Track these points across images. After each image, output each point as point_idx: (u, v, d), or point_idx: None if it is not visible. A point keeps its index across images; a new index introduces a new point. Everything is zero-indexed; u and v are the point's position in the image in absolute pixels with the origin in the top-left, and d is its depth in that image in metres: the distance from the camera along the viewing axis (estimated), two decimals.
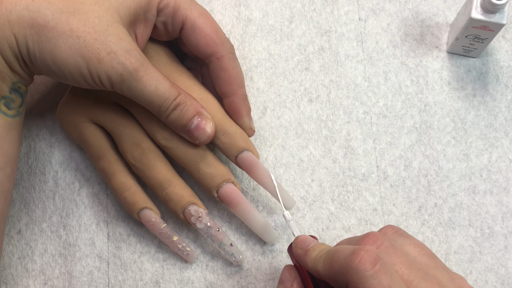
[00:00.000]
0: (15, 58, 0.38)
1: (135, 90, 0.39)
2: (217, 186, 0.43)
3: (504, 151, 0.49)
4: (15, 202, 0.47)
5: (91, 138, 0.44)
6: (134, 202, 0.44)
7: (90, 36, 0.37)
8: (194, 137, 0.42)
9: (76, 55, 0.37)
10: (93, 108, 0.44)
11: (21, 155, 0.48)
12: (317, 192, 0.48)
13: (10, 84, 0.39)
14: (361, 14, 0.53)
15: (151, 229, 0.44)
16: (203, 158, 0.43)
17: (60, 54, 0.37)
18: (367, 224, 0.47)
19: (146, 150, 0.43)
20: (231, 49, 0.44)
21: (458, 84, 0.51)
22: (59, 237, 0.46)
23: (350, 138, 0.49)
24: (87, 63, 0.38)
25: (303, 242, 0.38)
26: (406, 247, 0.36)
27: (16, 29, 0.37)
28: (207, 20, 0.43)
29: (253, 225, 0.44)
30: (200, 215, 0.43)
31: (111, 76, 0.38)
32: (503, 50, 0.52)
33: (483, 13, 0.46)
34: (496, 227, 0.47)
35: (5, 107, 0.39)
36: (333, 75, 0.51)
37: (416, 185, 0.48)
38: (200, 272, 0.46)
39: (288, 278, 0.39)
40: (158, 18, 0.43)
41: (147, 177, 0.43)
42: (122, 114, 0.44)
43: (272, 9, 0.53)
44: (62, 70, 0.38)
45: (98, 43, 0.38)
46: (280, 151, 0.49)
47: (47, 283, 0.45)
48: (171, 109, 0.41)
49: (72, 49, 0.37)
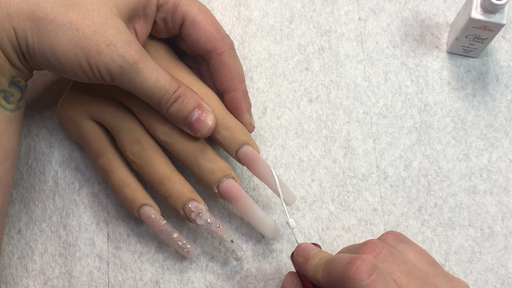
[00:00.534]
0: (14, 51, 0.38)
1: (135, 83, 0.39)
2: (218, 181, 0.43)
3: (504, 151, 0.49)
4: (15, 202, 0.47)
5: (91, 135, 0.44)
6: (134, 198, 0.43)
7: (89, 29, 0.37)
8: (195, 129, 0.42)
9: (75, 47, 0.37)
10: (92, 105, 0.44)
11: (21, 155, 0.48)
12: (317, 192, 0.48)
13: (9, 78, 0.39)
14: (361, 14, 0.53)
15: (151, 226, 0.44)
16: (203, 153, 0.43)
17: (59, 46, 0.37)
18: (367, 224, 0.47)
19: (145, 146, 0.43)
20: (231, 44, 0.45)
21: (458, 84, 0.51)
22: (59, 237, 0.46)
23: (350, 138, 0.49)
24: (87, 55, 0.37)
25: (304, 250, 0.38)
26: (407, 254, 0.36)
27: (15, 22, 0.37)
28: (207, 16, 0.44)
29: (254, 221, 0.44)
30: (200, 211, 0.43)
31: (110, 69, 0.38)
32: (503, 50, 0.52)
33: (483, 13, 0.46)
34: (496, 227, 0.47)
35: (4, 101, 0.39)
36: (333, 75, 0.51)
37: (416, 185, 0.48)
38: (200, 272, 0.46)
39: (290, 285, 0.38)
40: (158, 14, 0.43)
41: (147, 173, 0.43)
42: (121, 111, 0.43)
43: (272, 9, 0.53)
44: (61, 63, 0.38)
45: (97, 35, 0.37)
46: (280, 151, 0.49)
47: (47, 283, 0.45)
48: (172, 102, 0.40)
49: (71, 41, 0.37)
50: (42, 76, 0.50)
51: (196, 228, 0.47)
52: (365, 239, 0.47)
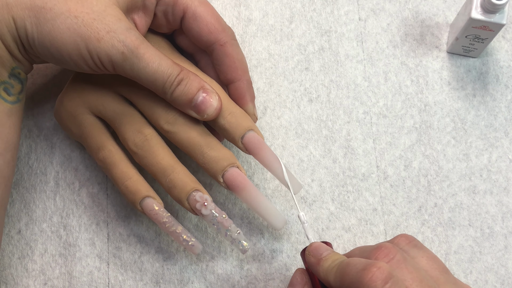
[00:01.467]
0: (14, 42, 0.38)
1: (138, 69, 0.39)
2: (223, 169, 0.42)
3: (504, 151, 0.49)
4: (15, 202, 0.47)
5: (91, 129, 0.43)
6: (136, 190, 0.42)
7: (88, 16, 0.37)
8: (201, 111, 0.41)
9: (75, 35, 0.37)
10: (92, 99, 0.43)
11: (22, 155, 0.48)
12: (317, 192, 0.48)
13: (9, 69, 0.39)
14: (361, 14, 0.53)
15: (153, 219, 0.43)
16: (207, 142, 0.42)
17: (58, 35, 0.37)
18: (367, 224, 0.47)
19: (148, 137, 0.42)
20: (233, 35, 0.44)
21: (458, 84, 0.51)
22: (59, 237, 0.47)
23: (350, 138, 0.49)
24: (86, 43, 0.37)
25: (317, 250, 0.38)
26: (419, 260, 0.36)
27: (15, 12, 0.37)
28: (207, 8, 0.44)
29: (261, 210, 0.42)
30: (205, 201, 0.42)
31: (112, 55, 0.38)
32: (503, 50, 0.52)
33: (483, 13, 0.46)
34: (496, 227, 0.47)
35: (4, 92, 0.39)
36: (333, 75, 0.51)
37: (416, 185, 0.48)
38: (200, 272, 0.46)
39: (299, 282, 0.38)
40: (158, 7, 0.43)
41: (150, 163, 0.42)
42: (122, 104, 0.43)
43: (272, 9, 0.53)
44: (61, 52, 0.38)
45: (97, 22, 0.37)
46: (280, 151, 0.49)
47: (47, 283, 0.46)
48: (176, 85, 0.40)
49: (71, 29, 0.37)
50: (42, 76, 0.50)
51: (196, 228, 0.47)
52: (365, 239, 0.47)
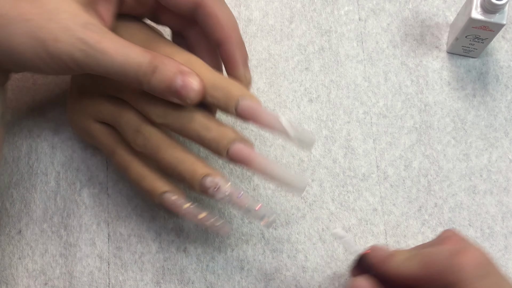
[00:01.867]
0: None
1: (105, 64, 0.36)
2: (225, 148, 0.39)
3: (504, 151, 0.49)
4: (16, 202, 0.47)
5: (100, 137, 0.43)
6: (152, 190, 0.41)
7: (41, 17, 0.35)
8: (183, 96, 0.38)
9: (31, 39, 0.35)
10: (91, 108, 0.43)
11: (22, 155, 0.48)
12: (317, 192, 0.48)
13: None
14: (361, 14, 0.53)
15: (176, 212, 0.41)
16: (203, 124, 0.40)
17: (15, 40, 0.35)
18: (367, 224, 0.47)
19: (147, 135, 0.41)
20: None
21: (458, 84, 0.51)
22: (60, 237, 0.47)
23: (350, 138, 0.49)
24: (44, 45, 0.35)
25: (381, 249, 0.39)
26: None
27: None
28: None
29: (277, 176, 0.40)
30: (216, 185, 0.40)
31: (73, 54, 0.36)
32: (503, 50, 0.52)
33: (483, 13, 0.46)
34: (496, 227, 0.47)
35: None
36: (333, 75, 0.51)
37: (416, 185, 0.48)
38: (200, 272, 0.46)
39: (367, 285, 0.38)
40: None
41: (156, 160, 0.41)
42: (117, 105, 0.42)
43: (272, 9, 0.53)
44: (20, 57, 0.36)
45: (51, 22, 0.35)
46: (280, 151, 0.49)
47: (47, 283, 0.46)
48: (150, 73, 0.37)
49: (26, 34, 0.35)
50: (43, 76, 0.50)
51: (196, 227, 0.47)
52: (365, 239, 0.47)
